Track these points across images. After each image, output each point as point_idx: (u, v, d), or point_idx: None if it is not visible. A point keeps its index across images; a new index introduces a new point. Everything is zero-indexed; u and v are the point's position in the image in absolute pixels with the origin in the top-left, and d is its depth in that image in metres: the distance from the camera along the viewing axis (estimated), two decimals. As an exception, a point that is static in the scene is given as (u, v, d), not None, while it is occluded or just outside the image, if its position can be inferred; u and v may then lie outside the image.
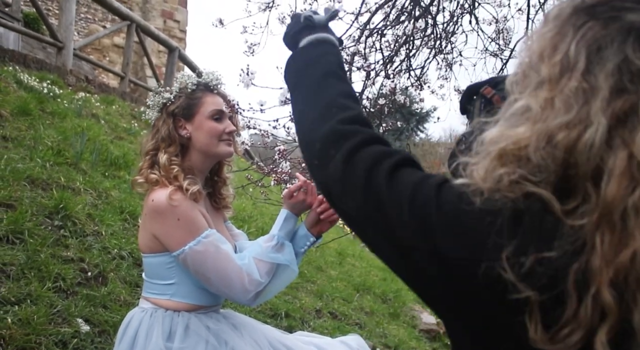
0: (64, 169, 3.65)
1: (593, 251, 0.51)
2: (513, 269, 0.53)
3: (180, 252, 1.39)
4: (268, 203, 2.46)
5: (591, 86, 0.54)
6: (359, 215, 0.69)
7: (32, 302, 2.26)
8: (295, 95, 0.89)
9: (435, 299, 0.66)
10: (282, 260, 1.48)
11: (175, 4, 14.50)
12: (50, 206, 3.01)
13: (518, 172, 0.56)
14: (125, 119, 6.31)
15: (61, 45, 6.46)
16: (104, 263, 2.81)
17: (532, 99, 0.58)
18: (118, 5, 7.63)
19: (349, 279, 5.21)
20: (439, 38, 2.55)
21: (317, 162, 0.76)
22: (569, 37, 0.57)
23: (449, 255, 0.58)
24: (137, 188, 1.53)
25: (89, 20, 13.34)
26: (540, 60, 0.59)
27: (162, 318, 1.47)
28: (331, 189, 0.74)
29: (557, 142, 0.54)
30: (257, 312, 3.32)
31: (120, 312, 2.47)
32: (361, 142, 0.72)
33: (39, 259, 2.51)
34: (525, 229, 0.54)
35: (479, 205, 0.57)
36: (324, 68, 0.87)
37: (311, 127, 0.80)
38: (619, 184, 0.51)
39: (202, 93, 1.58)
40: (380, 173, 0.67)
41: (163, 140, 1.53)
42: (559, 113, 0.55)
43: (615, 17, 0.56)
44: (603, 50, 0.55)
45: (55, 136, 4.12)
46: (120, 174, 4.25)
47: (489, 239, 0.55)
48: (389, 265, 0.70)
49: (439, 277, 0.60)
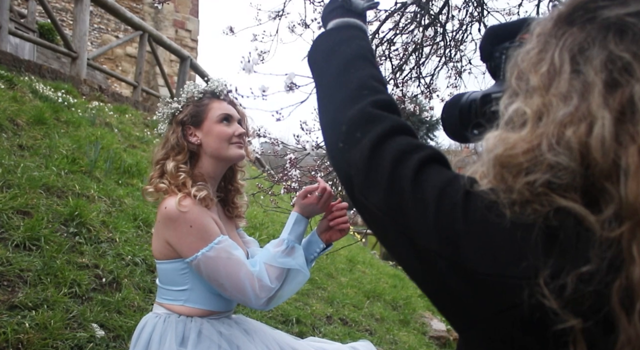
0: (78, 177, 3.71)
1: (632, 262, 0.48)
2: (554, 294, 0.49)
3: (193, 258, 1.41)
4: (278, 211, 2.48)
5: (583, 83, 0.54)
6: (380, 212, 0.64)
7: (49, 307, 2.30)
8: (322, 74, 0.83)
9: (454, 312, 0.61)
10: (293, 265, 1.49)
11: (186, 13, 14.66)
12: (66, 213, 3.06)
13: (542, 178, 0.53)
14: (138, 128, 6.39)
15: (75, 55, 6.57)
16: (118, 269, 2.85)
17: (526, 105, 0.58)
18: (131, 16, 7.75)
19: (359, 286, 5.22)
20: (448, 46, 2.56)
21: (342, 144, 0.71)
22: (552, 48, 0.58)
23: (475, 268, 0.54)
24: (148, 197, 1.56)
25: (102, 31, 13.53)
26: (529, 72, 0.59)
27: (176, 323, 1.49)
28: (353, 178, 0.68)
29: (569, 138, 0.52)
30: (269, 318, 3.34)
31: (134, 318, 2.51)
32: (390, 130, 0.68)
33: (55, 265, 2.56)
34: (561, 247, 0.51)
35: (510, 218, 0.54)
36: (355, 50, 0.82)
37: (339, 107, 0.75)
38: (637, 182, 0.48)
39: (209, 100, 1.60)
40: (407, 168, 0.63)
41: (172, 149, 1.55)
42: (560, 108, 0.54)
43: (591, 17, 0.57)
44: (586, 51, 0.55)
45: (69, 145, 4.19)
46: (134, 181, 4.31)
47: (521, 255, 0.52)
48: (405, 269, 0.66)
49: (462, 290, 0.56)
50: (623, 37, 0.53)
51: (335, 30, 0.89)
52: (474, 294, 0.56)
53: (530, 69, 0.59)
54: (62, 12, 12.47)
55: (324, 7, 0.95)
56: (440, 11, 2.36)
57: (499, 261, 0.53)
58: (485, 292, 0.54)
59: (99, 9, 11.32)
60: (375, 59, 0.90)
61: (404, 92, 2.34)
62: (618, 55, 0.52)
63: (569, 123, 0.53)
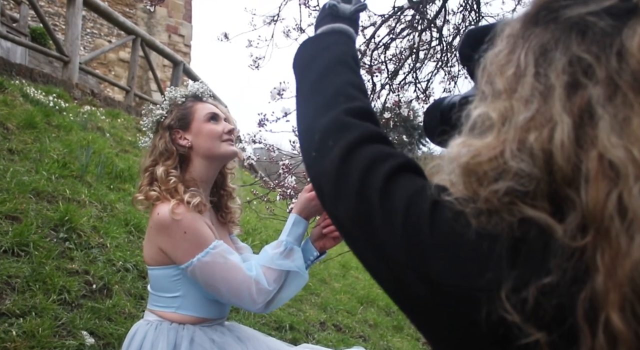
0: (69, 181, 3.67)
1: (596, 272, 0.46)
2: (516, 308, 0.48)
3: (189, 264, 1.39)
4: (273, 218, 2.46)
5: (545, 86, 0.53)
6: (349, 222, 0.63)
7: (37, 314, 2.26)
8: (301, 82, 0.83)
9: (424, 323, 0.60)
10: (291, 267, 1.46)
11: (179, 18, 14.67)
12: (56, 219, 3.02)
13: (506, 186, 0.52)
14: (131, 132, 6.35)
15: (67, 60, 6.54)
16: (109, 275, 2.81)
17: (491, 109, 0.56)
18: (123, 20, 7.73)
19: (352, 292, 5.19)
20: (444, 51, 2.56)
21: (314, 153, 0.70)
22: (518, 50, 0.57)
23: (442, 280, 0.53)
24: (138, 205, 1.53)
25: (95, 35, 13.50)
26: (496, 75, 0.58)
27: (167, 331, 1.47)
28: (323, 187, 0.68)
29: (531, 144, 0.51)
30: (262, 324, 3.31)
31: (125, 325, 2.47)
32: (361, 138, 0.67)
33: (44, 271, 2.52)
34: (525, 258, 0.50)
35: (476, 228, 0.53)
36: (336, 56, 0.81)
37: (313, 115, 0.74)
38: (597, 188, 0.47)
39: (192, 102, 1.60)
40: (376, 178, 0.61)
41: (161, 155, 1.53)
42: (521, 112, 0.53)
43: (554, 17, 0.56)
44: (549, 52, 0.54)
45: (60, 149, 4.15)
46: (125, 186, 4.27)
47: (486, 267, 0.51)
48: (376, 280, 0.64)
49: (430, 302, 0.55)
50: (584, 37, 0.52)
51: (319, 36, 0.88)
52: (442, 306, 0.54)
53: (497, 71, 0.58)
54: (55, 16, 12.43)
55: (316, 18, 0.95)
56: (436, 15, 2.36)
57: (465, 273, 0.52)
58: (453, 305, 0.53)
59: (91, 14, 11.28)
60: (359, 64, 0.88)
61: (399, 97, 2.33)
62: (579, 56, 0.51)
63: (531, 128, 0.52)
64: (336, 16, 0.90)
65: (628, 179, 0.46)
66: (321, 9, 0.94)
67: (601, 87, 0.49)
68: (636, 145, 0.46)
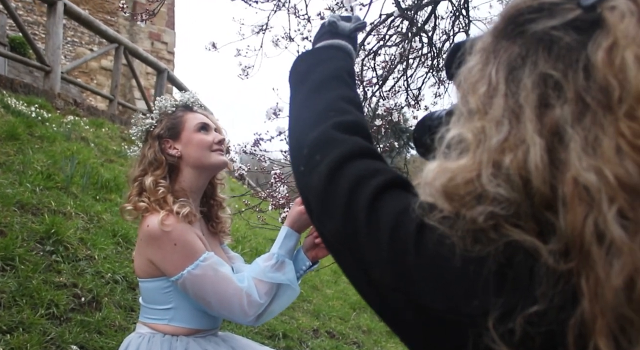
0: (54, 193, 3.61)
1: (582, 297, 0.45)
2: (504, 338, 0.47)
3: (179, 277, 1.37)
4: (265, 228, 2.44)
5: (516, 106, 0.51)
6: (335, 240, 0.62)
7: (25, 330, 2.21)
8: (295, 95, 0.82)
9: (411, 343, 0.59)
10: (283, 280, 1.45)
11: (162, 25, 14.57)
12: (41, 231, 2.96)
13: (487, 210, 0.50)
14: (115, 142, 6.28)
15: (49, 69, 6.44)
16: (98, 288, 2.76)
17: (465, 129, 0.55)
18: (105, 28, 7.65)
19: (345, 298, 5.18)
20: (435, 57, 2.57)
21: (302, 168, 0.69)
22: (490, 65, 0.55)
23: (428, 304, 0.52)
24: (126, 216, 1.51)
25: (76, 44, 13.35)
26: (469, 94, 0.56)
27: (161, 343, 1.44)
28: (311, 204, 0.67)
29: (507, 167, 0.49)
30: (255, 333, 3.28)
31: (115, 338, 2.42)
32: (349, 153, 0.65)
33: (31, 285, 2.47)
34: (512, 284, 0.48)
35: (461, 252, 0.51)
36: (331, 71, 0.81)
37: (303, 130, 0.73)
38: (574, 213, 0.45)
39: (182, 112, 1.58)
40: (363, 195, 0.60)
41: (150, 164, 1.51)
42: (493, 135, 0.51)
43: (521, 32, 0.54)
44: (517, 69, 0.52)
45: (44, 160, 4.08)
46: (112, 197, 4.21)
47: (472, 292, 0.49)
48: (365, 300, 0.63)
49: (418, 324, 0.54)
50: (551, 52, 0.50)
51: (316, 50, 0.88)
52: (430, 330, 0.53)
53: (469, 89, 0.56)
54: (34, 25, 12.27)
55: (315, 35, 0.95)
56: (425, 21, 2.36)
57: (452, 297, 0.51)
58: (440, 329, 0.52)
59: (72, 22, 11.16)
60: (354, 80, 0.88)
61: (391, 104, 2.33)
62: (547, 73, 0.50)
63: (505, 150, 0.50)
64: (335, 33, 0.90)
65: (602, 204, 0.44)
66: (320, 25, 0.94)
67: (569, 106, 0.48)
68: (608, 167, 0.44)
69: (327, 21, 0.90)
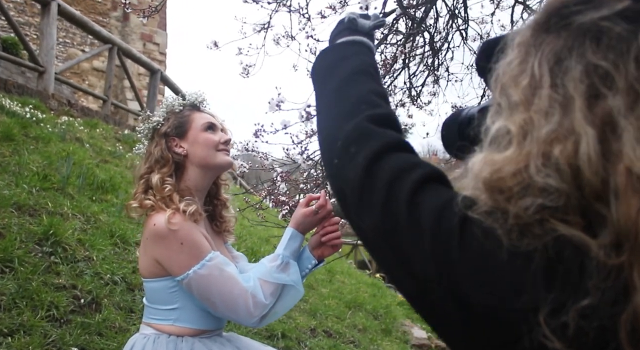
0: (50, 194, 3.59)
1: (635, 292, 0.44)
2: (556, 333, 0.46)
3: (185, 276, 1.37)
4: (264, 225, 2.45)
5: (564, 97, 0.51)
6: (374, 234, 0.61)
7: (26, 332, 2.20)
8: (321, 90, 0.82)
9: (455, 341, 0.58)
10: (287, 281, 1.46)
11: (154, 26, 14.51)
12: (39, 232, 2.95)
13: (535, 203, 0.50)
14: (110, 142, 6.25)
15: (42, 70, 6.40)
16: (97, 289, 2.75)
17: (509, 122, 0.54)
18: (99, 29, 7.62)
19: (340, 296, 5.19)
20: (435, 55, 2.58)
21: (336, 161, 0.68)
22: (531, 59, 0.55)
23: (473, 299, 0.52)
24: (132, 213, 1.51)
25: (68, 45, 13.26)
26: (510, 87, 0.56)
27: (166, 344, 1.43)
28: (348, 198, 0.65)
29: (556, 158, 0.49)
30: (254, 333, 3.28)
31: (116, 339, 2.42)
32: (385, 147, 0.65)
33: (31, 287, 2.46)
34: (562, 279, 0.48)
35: (507, 246, 0.50)
36: (358, 65, 0.81)
37: (336, 123, 0.73)
38: (627, 204, 0.45)
39: (189, 111, 1.59)
40: (403, 189, 0.59)
41: (157, 162, 1.52)
42: (542, 125, 0.51)
43: (566, 24, 0.54)
44: (564, 61, 0.52)
45: (40, 161, 4.06)
46: (108, 197, 4.20)
47: (520, 287, 0.49)
48: (403, 294, 0.62)
49: (461, 320, 0.54)
50: (599, 43, 0.50)
51: (340, 46, 0.88)
52: (474, 325, 0.53)
53: (511, 83, 0.56)
54: (25, 26, 12.17)
55: (331, 30, 0.95)
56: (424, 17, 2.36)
57: (497, 292, 0.50)
58: (485, 324, 0.52)
59: (64, 23, 11.08)
60: (379, 75, 0.88)
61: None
62: (596, 64, 0.49)
63: (554, 141, 0.50)
64: (354, 30, 0.90)
65: None
66: (338, 22, 0.94)
67: (622, 97, 0.47)
68: None
69: (346, 18, 0.90)
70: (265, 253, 5.14)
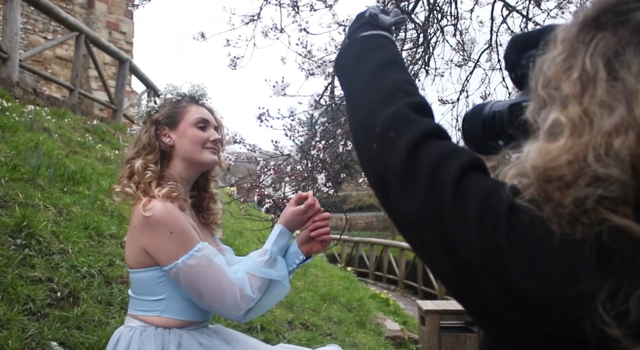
0: (20, 185, 3.47)
1: None
2: (617, 320, 0.46)
3: (173, 266, 1.36)
4: (247, 219, 2.44)
5: (625, 90, 0.51)
6: (417, 218, 0.61)
7: (3, 327, 2.13)
8: (352, 78, 0.82)
9: (497, 328, 0.58)
10: (275, 276, 1.46)
11: (120, 15, 14.14)
12: (12, 225, 2.85)
13: (594, 193, 0.50)
14: (79, 133, 6.08)
15: (6, 57, 6.16)
16: (74, 282, 2.68)
17: (562, 114, 0.55)
18: (66, 16, 7.38)
19: (314, 289, 5.22)
20: (427, 51, 2.61)
21: (375, 145, 0.69)
22: (581, 54, 0.56)
23: (521, 285, 0.52)
24: (115, 197, 1.51)
25: (29, 31, 12.77)
26: (559, 80, 0.57)
27: (154, 336, 1.42)
28: (389, 182, 0.65)
29: (618, 148, 0.49)
30: (233, 327, 3.26)
31: (95, 333, 2.37)
32: (427, 133, 0.66)
33: (6, 280, 2.38)
34: (617, 268, 0.48)
35: (557, 234, 0.51)
36: (387, 56, 0.82)
37: (372, 109, 0.73)
38: None
39: (187, 103, 1.57)
40: (447, 175, 0.60)
41: (144, 148, 1.51)
42: (604, 116, 0.52)
43: (623, 20, 0.54)
44: (621, 55, 0.53)
45: (7, 151, 3.91)
46: (80, 189, 4.09)
47: (571, 275, 0.49)
48: (442, 280, 0.62)
49: (506, 306, 0.54)
50: None
51: (364, 38, 0.89)
52: (520, 312, 0.53)
53: (559, 76, 0.57)
54: (-15, 10, 11.68)
55: (350, 24, 0.95)
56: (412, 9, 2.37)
57: (547, 279, 0.51)
58: (532, 311, 0.52)
59: (24, 9, 10.68)
60: (406, 66, 0.89)
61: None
62: None
63: (615, 132, 0.50)
64: (375, 25, 0.91)
65: None
66: (357, 16, 0.95)
67: None
68: None
69: (367, 12, 0.91)
70: (239, 245, 5.11)
